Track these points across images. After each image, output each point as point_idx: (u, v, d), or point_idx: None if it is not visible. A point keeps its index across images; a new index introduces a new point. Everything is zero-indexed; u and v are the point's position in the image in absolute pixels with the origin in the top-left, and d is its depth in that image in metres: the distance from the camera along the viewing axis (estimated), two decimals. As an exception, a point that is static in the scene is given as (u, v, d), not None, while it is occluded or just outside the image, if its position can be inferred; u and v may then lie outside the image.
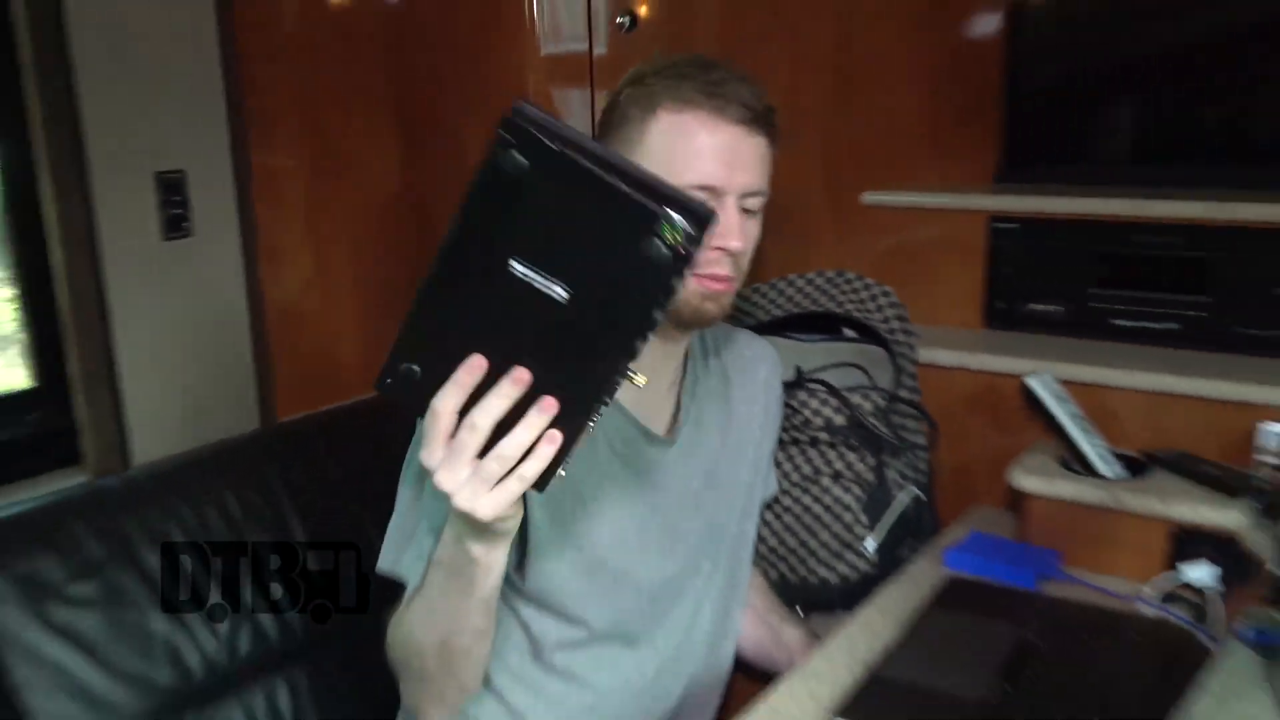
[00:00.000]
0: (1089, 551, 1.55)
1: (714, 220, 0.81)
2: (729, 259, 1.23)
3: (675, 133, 1.21)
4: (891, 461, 1.68)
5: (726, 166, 1.20)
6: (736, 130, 1.20)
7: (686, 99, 1.20)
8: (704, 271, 1.23)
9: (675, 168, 1.19)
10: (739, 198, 1.22)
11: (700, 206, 0.81)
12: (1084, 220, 1.83)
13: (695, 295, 1.24)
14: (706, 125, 1.20)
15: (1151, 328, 1.80)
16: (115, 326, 1.55)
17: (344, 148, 1.84)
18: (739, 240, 1.22)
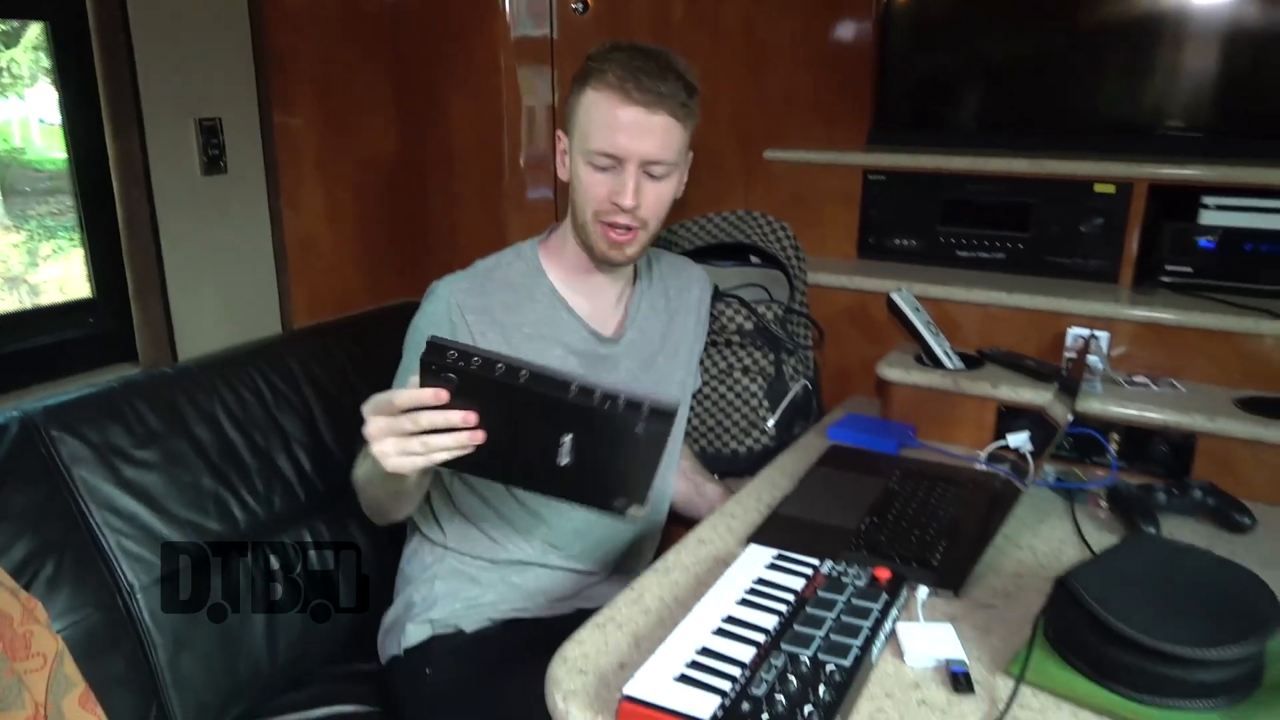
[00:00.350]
0: (937, 426, 1.63)
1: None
2: (626, 214, 1.25)
3: (593, 108, 1.23)
4: (787, 359, 1.73)
5: (627, 138, 1.21)
6: (637, 110, 1.20)
7: (606, 80, 1.21)
8: (606, 220, 1.26)
9: (591, 135, 1.23)
10: (639, 165, 1.23)
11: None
12: (934, 173, 1.90)
13: (602, 241, 1.27)
14: (615, 103, 1.21)
15: (985, 257, 1.87)
16: (164, 246, 1.52)
17: (349, 110, 1.81)
18: (630, 199, 1.23)
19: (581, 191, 1.26)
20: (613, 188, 1.23)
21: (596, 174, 1.24)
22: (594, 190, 1.25)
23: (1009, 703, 0.90)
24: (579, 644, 1.01)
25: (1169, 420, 1.44)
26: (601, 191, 1.24)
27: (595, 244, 1.28)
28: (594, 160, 1.23)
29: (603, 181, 1.24)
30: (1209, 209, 1.66)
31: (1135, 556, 1.02)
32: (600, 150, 1.22)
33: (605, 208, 1.25)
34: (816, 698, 0.86)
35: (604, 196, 1.24)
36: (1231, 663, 0.88)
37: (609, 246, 1.27)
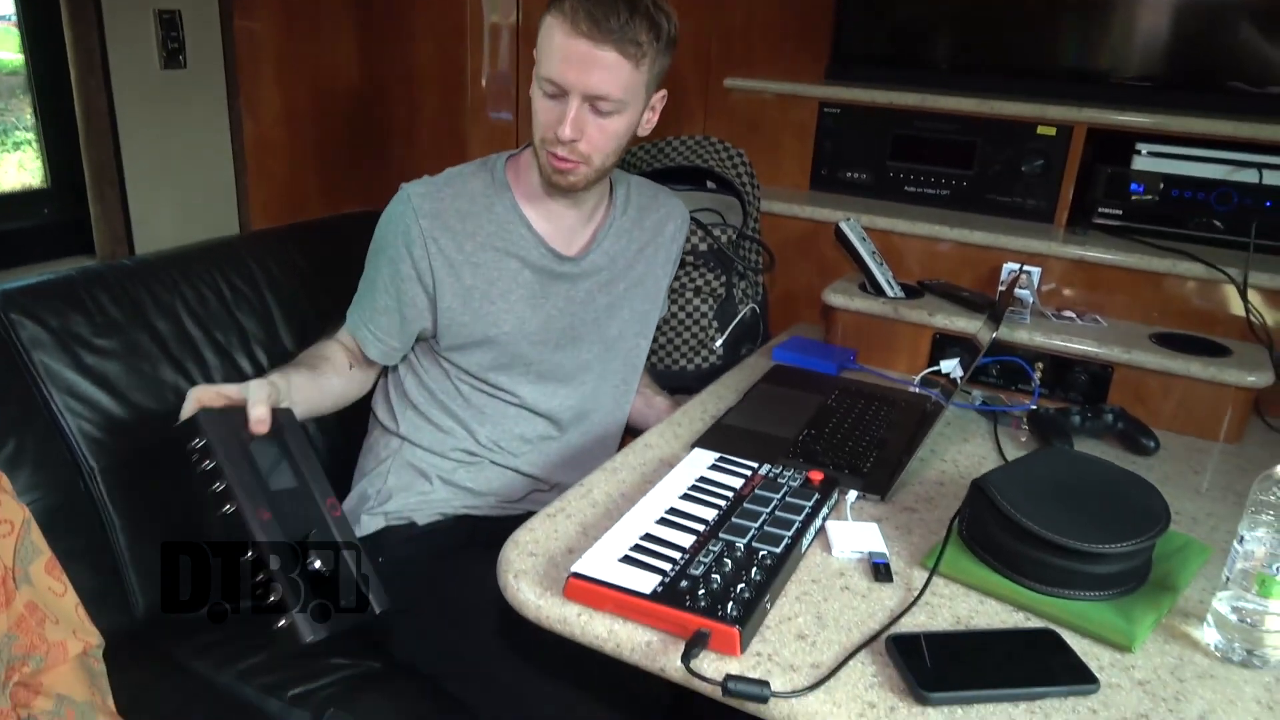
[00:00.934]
0: (877, 351, 1.70)
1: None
2: (564, 146, 1.25)
3: (547, 34, 1.23)
4: (738, 283, 1.77)
5: (569, 70, 1.20)
6: (584, 43, 1.19)
7: (562, 9, 1.21)
8: (549, 149, 1.27)
9: (542, 62, 1.24)
10: (583, 98, 1.22)
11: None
12: (887, 109, 1.94)
13: (546, 167, 1.30)
14: (564, 34, 1.20)
15: (930, 193, 1.94)
16: (122, 138, 1.50)
17: (310, 17, 1.78)
18: (568, 131, 1.22)
19: (534, 115, 1.28)
20: (558, 117, 1.23)
21: (547, 101, 1.25)
22: (541, 116, 1.26)
23: (923, 589, 0.99)
24: (529, 530, 1.07)
25: (1089, 351, 1.53)
26: (549, 119, 1.25)
27: (543, 168, 1.31)
28: (544, 87, 1.24)
29: (550, 109, 1.25)
30: (1142, 155, 1.74)
31: (1044, 465, 1.10)
32: (548, 78, 1.22)
33: (549, 135, 1.25)
34: (749, 578, 0.93)
35: (550, 124, 1.25)
36: (1123, 557, 0.97)
37: (552, 172, 1.29)
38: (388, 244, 1.34)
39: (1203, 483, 1.33)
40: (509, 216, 1.36)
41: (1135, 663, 0.90)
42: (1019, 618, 0.97)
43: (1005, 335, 1.56)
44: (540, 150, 1.29)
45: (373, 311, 1.37)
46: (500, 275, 1.35)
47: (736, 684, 0.81)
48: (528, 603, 0.96)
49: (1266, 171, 1.63)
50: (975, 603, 0.98)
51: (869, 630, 0.92)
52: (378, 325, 1.37)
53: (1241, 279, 1.55)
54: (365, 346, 1.39)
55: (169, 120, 1.58)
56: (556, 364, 1.43)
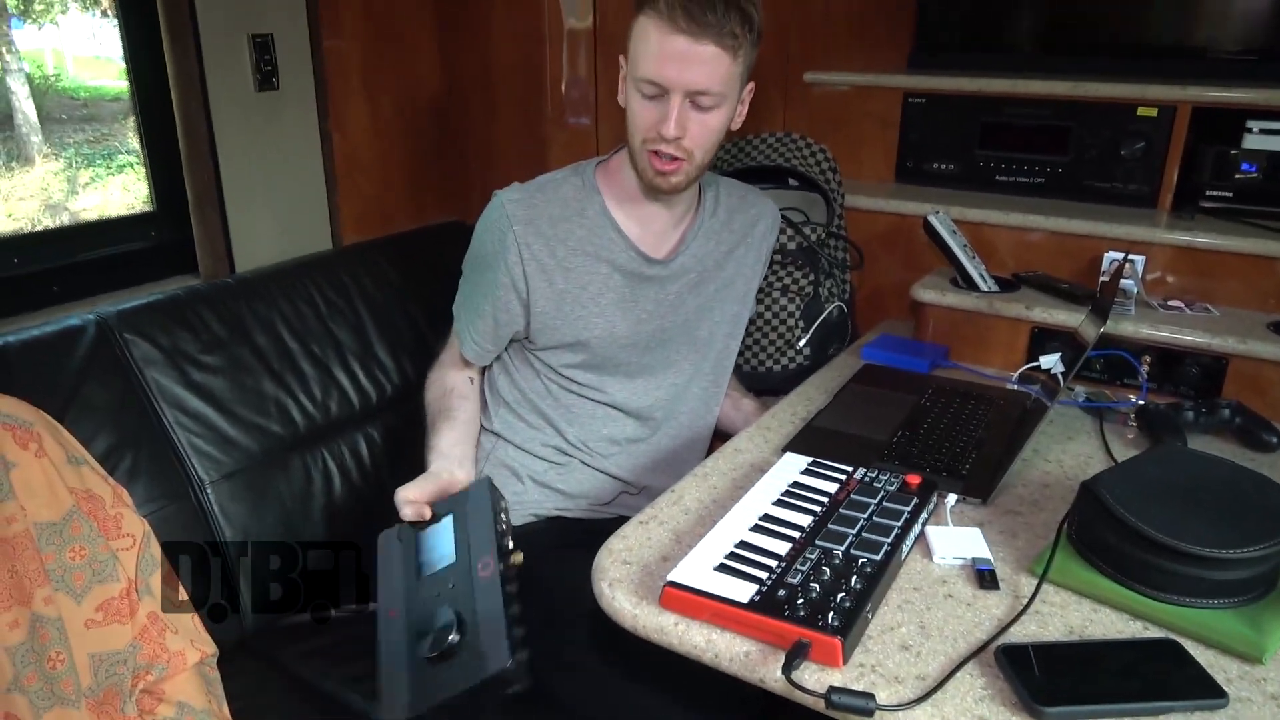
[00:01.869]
0: (970, 348, 1.65)
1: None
2: (670, 144, 1.25)
3: (644, 35, 1.22)
4: (824, 281, 1.74)
5: (670, 68, 1.20)
6: (684, 39, 1.18)
7: (657, 8, 1.20)
8: (652, 148, 1.26)
9: (639, 63, 1.23)
10: (685, 95, 1.22)
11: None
12: (974, 96, 1.88)
13: (648, 169, 1.29)
14: (663, 32, 1.19)
15: (1023, 181, 1.87)
16: (221, 160, 1.55)
17: (393, 31, 1.82)
18: (672, 129, 1.22)
19: (631, 119, 1.28)
20: (659, 116, 1.24)
21: (645, 102, 1.25)
22: (641, 118, 1.26)
23: (1032, 596, 0.95)
24: (623, 538, 1.07)
25: (1200, 342, 1.45)
26: (649, 119, 1.25)
27: (643, 172, 1.30)
28: (642, 88, 1.24)
29: (650, 109, 1.25)
30: (1253, 133, 1.64)
31: (1159, 464, 1.05)
32: (647, 78, 1.22)
33: (652, 136, 1.25)
34: (849, 586, 0.90)
35: (651, 125, 1.25)
36: (1248, 562, 0.91)
37: (655, 174, 1.29)
38: (484, 250, 1.37)
39: (1332, 480, 1.25)
40: (600, 221, 1.36)
41: (1267, 675, 0.85)
42: (1136, 627, 0.92)
43: (1109, 328, 1.49)
44: (640, 153, 1.28)
45: (472, 316, 1.41)
46: (592, 279, 1.36)
47: (841, 696, 0.79)
48: (624, 611, 0.95)
49: (1393, 145, 1.52)
50: (1089, 611, 0.94)
51: (976, 640, 0.89)
52: (475, 329, 1.41)
53: (1368, 261, 1.46)
54: (463, 347, 1.43)
55: (264, 141, 1.63)
56: (646, 365, 1.43)
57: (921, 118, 1.94)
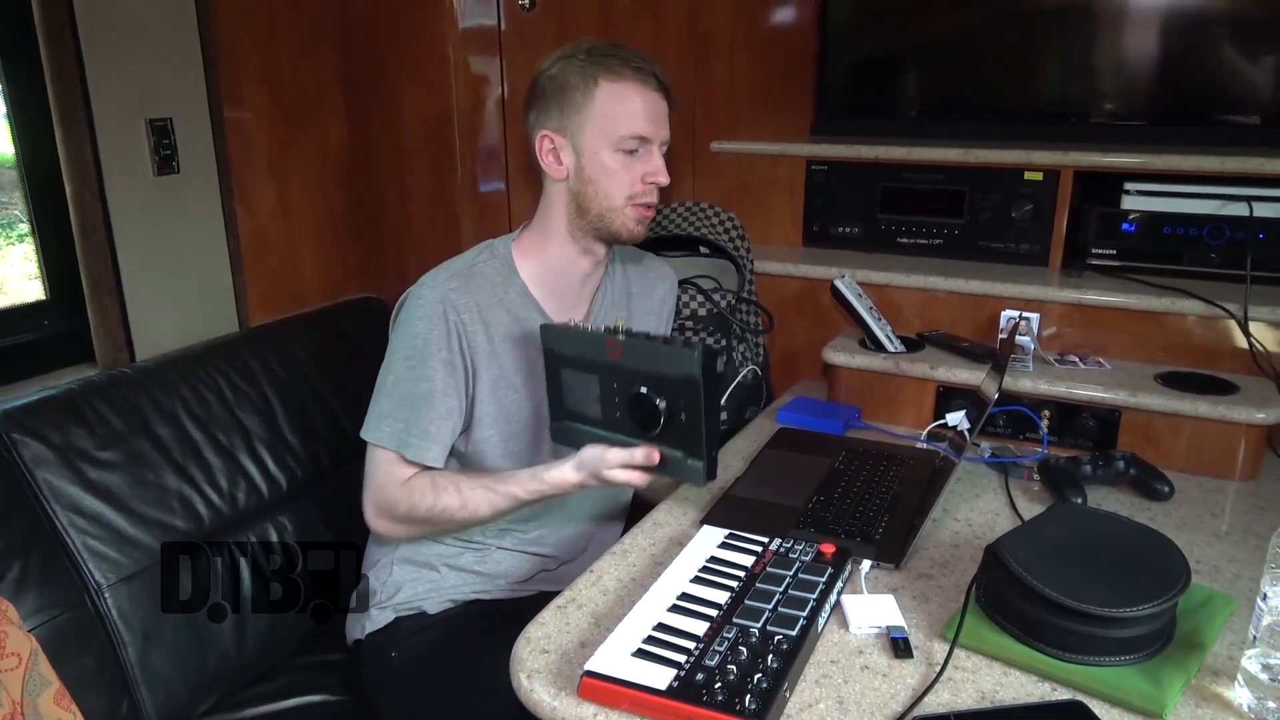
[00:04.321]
0: (882, 408, 1.70)
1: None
2: (655, 190, 1.34)
3: (617, 98, 1.29)
4: (737, 346, 1.78)
5: (652, 122, 1.31)
6: (656, 95, 1.31)
7: (624, 74, 1.29)
8: (640, 201, 1.33)
9: (620, 123, 1.29)
10: (660, 145, 1.33)
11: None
12: (874, 163, 1.95)
13: (632, 220, 1.33)
14: (639, 92, 1.30)
15: (923, 243, 1.94)
16: (119, 247, 1.51)
17: (299, 104, 1.80)
18: (667, 177, 1.33)
19: (609, 179, 1.31)
20: (645, 169, 1.31)
21: (625, 159, 1.31)
22: (625, 174, 1.31)
23: (944, 664, 0.97)
24: (541, 625, 1.05)
25: (1094, 396, 1.52)
26: (631, 174, 1.31)
27: (624, 226, 1.34)
28: (625, 145, 1.30)
29: (630, 165, 1.31)
30: (1131, 194, 1.74)
31: (1058, 524, 1.09)
32: (634, 134, 1.29)
33: (639, 189, 1.32)
34: (766, 665, 0.91)
35: (636, 179, 1.31)
36: (1145, 619, 0.95)
37: (637, 224, 1.34)
38: (431, 343, 1.29)
39: (1221, 525, 1.31)
40: (522, 302, 1.36)
41: (1168, 731, 0.88)
42: (1045, 689, 0.95)
43: (1009, 384, 1.55)
44: (621, 210, 1.32)
45: (431, 414, 1.29)
46: (521, 363, 1.35)
47: (760, 783, 0.79)
48: (542, 704, 0.94)
49: (1257, 204, 1.63)
50: (1000, 675, 0.97)
51: (893, 713, 0.90)
52: (443, 430, 1.31)
53: (1241, 313, 1.55)
54: (423, 454, 1.29)
55: (164, 225, 1.60)
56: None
57: (825, 184, 2.00)
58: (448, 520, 1.31)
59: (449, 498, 1.29)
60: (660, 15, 1.99)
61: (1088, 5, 1.90)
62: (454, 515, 1.30)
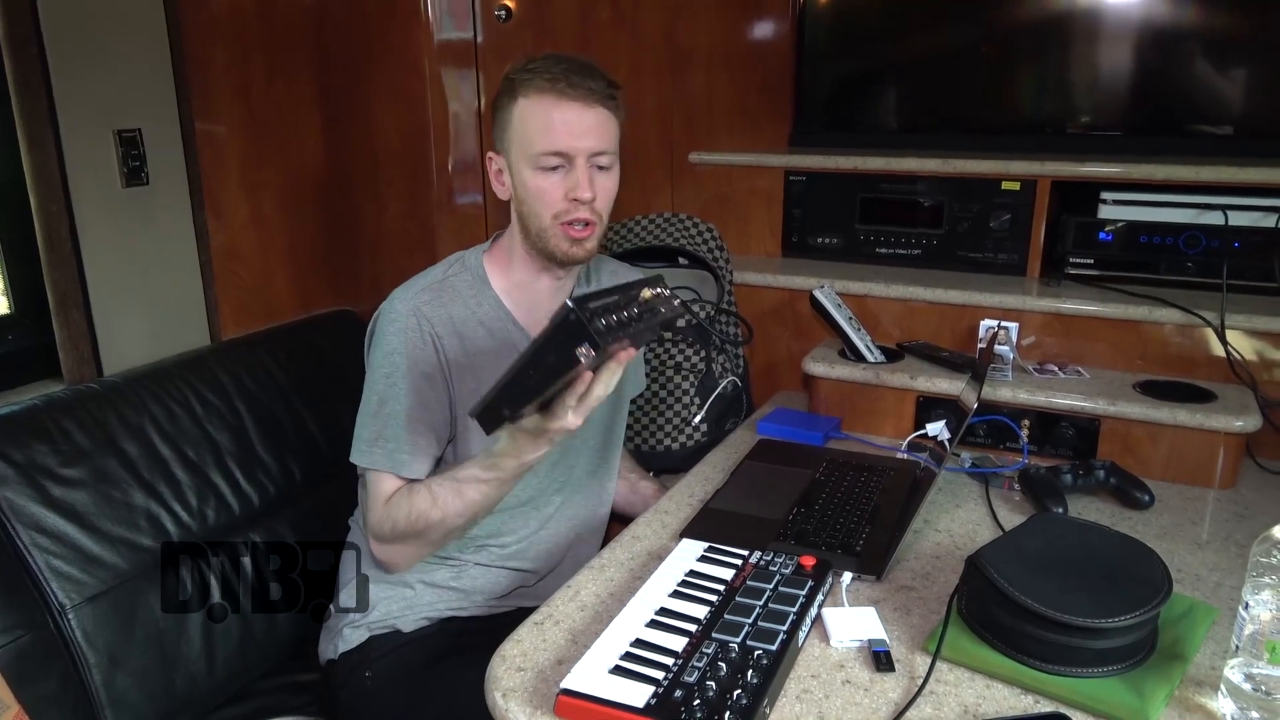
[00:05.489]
0: (862, 418, 1.69)
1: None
2: (585, 207, 1.27)
3: (531, 115, 1.25)
4: (717, 357, 1.77)
5: (570, 136, 1.24)
6: (576, 106, 1.23)
7: (538, 88, 1.24)
8: (567, 219, 1.27)
9: (534, 139, 1.25)
10: (588, 158, 1.26)
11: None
12: (852, 174, 1.95)
13: (565, 240, 1.28)
14: (554, 105, 1.24)
15: (902, 253, 1.94)
16: (86, 260, 1.48)
17: (272, 117, 1.78)
18: (588, 191, 1.25)
19: (534, 199, 1.27)
20: (567, 186, 1.25)
21: (548, 176, 1.26)
22: (548, 194, 1.26)
23: (925, 678, 0.95)
24: (517, 642, 1.03)
25: (1074, 405, 1.52)
26: (557, 193, 1.26)
27: (557, 247, 1.29)
28: (543, 163, 1.25)
29: (556, 183, 1.26)
30: (1108, 204, 1.75)
31: (1039, 534, 1.08)
32: (549, 150, 1.24)
33: (563, 208, 1.26)
34: (745, 681, 0.89)
35: (560, 197, 1.26)
36: (1127, 630, 0.94)
37: (570, 245, 1.28)
38: (410, 362, 1.28)
39: (1202, 533, 1.31)
40: (496, 313, 1.35)
41: (1151, 743, 0.87)
42: (1028, 701, 0.93)
43: (989, 394, 1.55)
44: (550, 230, 1.28)
45: (415, 428, 1.28)
46: (495, 376, 1.33)
47: (739, 803, 0.78)
48: (518, 723, 0.92)
49: (1232, 213, 1.64)
50: (982, 687, 0.95)
51: (874, 728, 0.89)
52: (431, 443, 1.30)
53: (1218, 321, 1.55)
54: (409, 469, 1.29)
55: (133, 238, 1.57)
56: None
57: (804, 194, 2.00)
58: (425, 525, 1.27)
59: (420, 499, 1.27)
60: (638, 28, 1.98)
61: (1064, 20, 1.91)
62: (428, 515, 1.26)
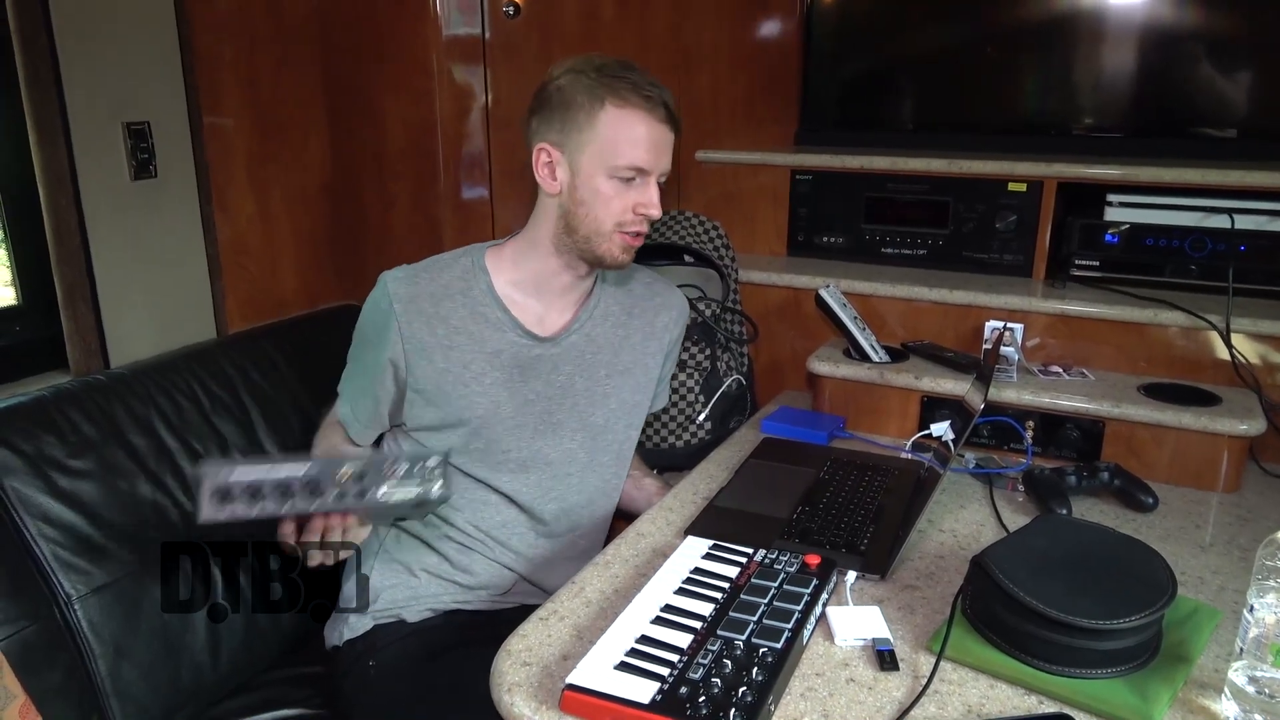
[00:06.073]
0: (866, 418, 1.69)
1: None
2: (646, 220, 1.32)
3: (620, 124, 1.27)
4: (722, 355, 1.77)
5: (654, 154, 1.29)
6: (661, 127, 1.29)
7: (628, 99, 1.27)
8: (628, 230, 1.31)
9: (620, 151, 1.28)
10: (658, 176, 1.31)
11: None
12: (858, 173, 1.95)
13: (619, 248, 1.33)
14: (644, 121, 1.27)
15: (907, 253, 1.94)
16: (94, 253, 1.48)
17: (280, 111, 1.79)
18: (659, 210, 1.31)
19: (601, 204, 1.30)
20: (637, 199, 1.30)
21: (621, 186, 1.29)
22: (618, 202, 1.30)
23: (929, 677, 0.96)
24: (522, 637, 1.03)
25: (1078, 407, 1.52)
26: (624, 203, 1.30)
27: (608, 252, 1.33)
28: (621, 174, 1.29)
29: (626, 194, 1.30)
30: (1114, 206, 1.75)
31: (1044, 535, 1.08)
32: (632, 165, 1.28)
33: (629, 218, 1.30)
34: (750, 679, 0.90)
35: (627, 207, 1.30)
36: (1132, 632, 0.94)
37: (622, 252, 1.33)
38: (366, 330, 1.39)
39: (1205, 537, 1.31)
40: (484, 299, 1.36)
41: (1155, 744, 0.87)
42: (1031, 701, 0.94)
43: (993, 395, 1.55)
44: (609, 236, 1.32)
45: (356, 394, 1.41)
46: (474, 358, 1.34)
47: (744, 800, 0.78)
48: (523, 718, 0.92)
49: (1238, 216, 1.64)
50: (985, 687, 0.95)
51: (878, 727, 0.89)
52: (359, 408, 1.41)
53: (1223, 324, 1.55)
54: (348, 428, 1.43)
55: (141, 230, 1.57)
56: (537, 451, 1.40)
57: (809, 193, 2.00)
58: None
59: (323, 445, 1.43)
60: (644, 26, 1.98)
61: (1071, 20, 1.91)
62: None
